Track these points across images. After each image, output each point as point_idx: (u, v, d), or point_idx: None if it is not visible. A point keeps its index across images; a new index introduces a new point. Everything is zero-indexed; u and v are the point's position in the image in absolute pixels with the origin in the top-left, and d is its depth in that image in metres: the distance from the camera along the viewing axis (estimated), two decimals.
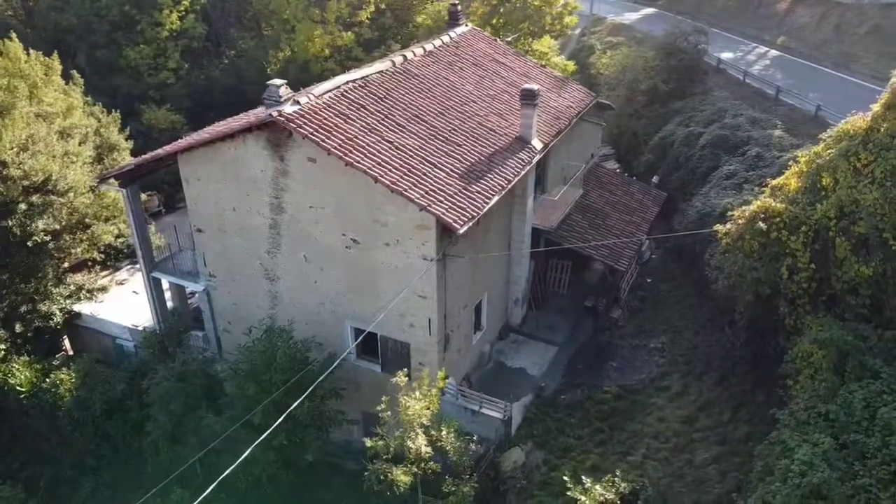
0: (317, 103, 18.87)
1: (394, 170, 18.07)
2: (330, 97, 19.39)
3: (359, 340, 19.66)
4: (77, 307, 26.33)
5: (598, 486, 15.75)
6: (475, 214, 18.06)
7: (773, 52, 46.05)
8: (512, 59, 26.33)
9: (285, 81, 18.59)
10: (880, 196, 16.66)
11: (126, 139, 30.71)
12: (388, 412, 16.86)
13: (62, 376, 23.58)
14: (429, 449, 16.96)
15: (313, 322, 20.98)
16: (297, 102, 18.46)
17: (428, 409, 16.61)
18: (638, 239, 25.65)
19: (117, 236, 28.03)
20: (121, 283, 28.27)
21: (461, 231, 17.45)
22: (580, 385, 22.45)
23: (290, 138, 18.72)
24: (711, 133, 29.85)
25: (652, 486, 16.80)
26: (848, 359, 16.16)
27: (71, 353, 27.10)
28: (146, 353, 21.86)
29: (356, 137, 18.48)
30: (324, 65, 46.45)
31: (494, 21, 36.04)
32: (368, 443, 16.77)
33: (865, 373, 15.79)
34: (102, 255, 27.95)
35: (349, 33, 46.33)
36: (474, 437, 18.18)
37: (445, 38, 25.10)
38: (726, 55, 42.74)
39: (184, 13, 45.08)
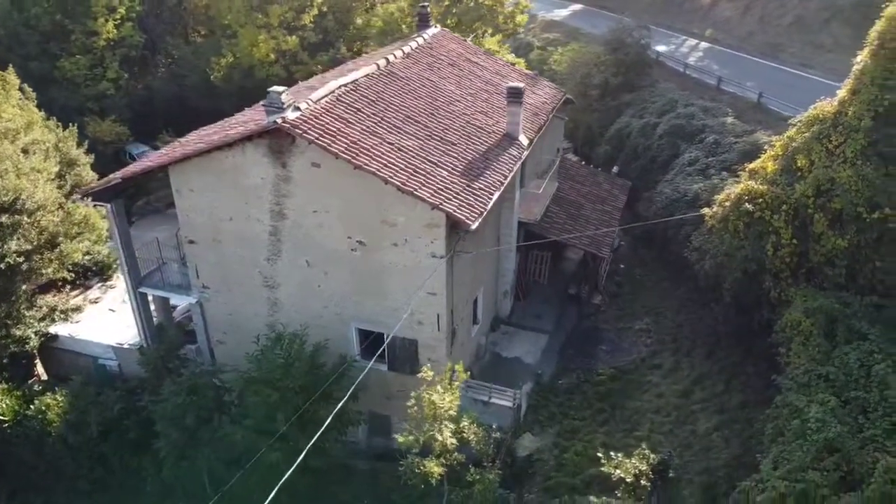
0: (315, 109, 19.02)
1: (401, 171, 18.44)
2: (326, 102, 19.56)
3: (385, 345, 19.87)
4: (53, 329, 25.43)
5: (632, 459, 16.59)
6: (483, 210, 18.65)
7: (704, 45, 48.44)
8: (483, 58, 27.04)
9: (286, 88, 18.65)
10: (853, 174, 18.23)
11: (85, 153, 29.76)
12: (416, 408, 17.27)
13: (48, 401, 22.83)
14: (454, 440, 17.49)
15: (316, 326, 21.00)
16: (298, 108, 18.56)
17: (458, 401, 17.11)
18: (614, 227, 26.81)
19: (85, 254, 27.22)
20: (94, 302, 27.45)
21: (473, 226, 18.00)
22: (575, 369, 23.40)
23: (293, 144, 18.80)
24: (668, 123, 31.44)
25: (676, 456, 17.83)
26: (836, 324, 17.64)
27: (45, 377, 26.15)
28: (147, 369, 21.37)
29: (360, 140, 18.75)
30: (269, 70, 45.97)
31: (448, 21, 36.64)
32: (400, 439, 17.15)
33: (853, 335, 17.28)
34: (73, 275, 27.05)
35: (293, 37, 46.02)
36: (493, 426, 18.79)
37: (420, 40, 25.53)
38: (661, 48, 44.74)
39: (119, 21, 43.70)
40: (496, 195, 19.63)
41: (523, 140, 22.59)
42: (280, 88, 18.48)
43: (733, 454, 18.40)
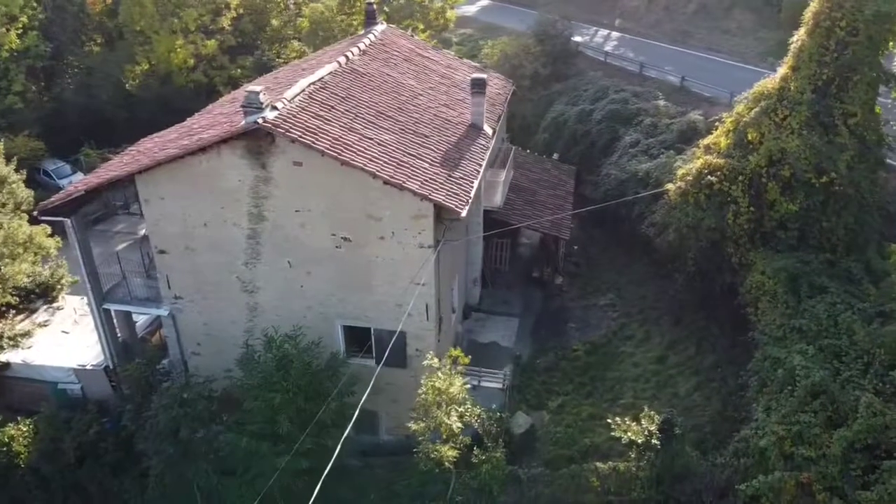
0: (292, 108, 18.90)
1: (386, 165, 18.63)
2: (301, 100, 19.45)
3: (391, 343, 19.95)
4: (3, 356, 23.93)
5: (641, 421, 17.51)
6: (468, 198, 19.12)
7: (615, 34, 50.65)
8: (433, 53, 27.47)
9: (264, 87, 18.43)
10: (801, 143, 19.91)
11: (15, 170, 28.07)
12: (424, 395, 17.57)
13: (11, 432, 21.59)
14: (460, 424, 17.92)
15: (300, 327, 20.87)
16: (275, 108, 18.39)
17: (467, 387, 17.56)
18: (569, 210, 27.87)
19: (28, 275, 25.77)
20: (44, 325, 25.96)
21: (463, 214, 18.46)
22: (550, 348, 24.29)
23: (273, 144, 18.62)
24: (604, 108, 32.90)
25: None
26: (798, 281, 19.24)
27: None
28: (130, 386, 20.53)
29: (341, 137, 18.80)
30: (189, 76, 44.67)
31: (380, 18, 36.69)
32: (413, 426, 17.40)
33: (815, 290, 18.92)
34: (17, 298, 25.53)
35: (212, 41, 44.86)
36: (493, 407, 19.33)
37: (371, 37, 25.64)
38: (576, 39, 46.48)
39: (22, 30, 41.30)
40: (476, 183, 20.15)
41: (487, 130, 23.21)
42: (257, 88, 18.25)
43: (715, 410, 19.73)
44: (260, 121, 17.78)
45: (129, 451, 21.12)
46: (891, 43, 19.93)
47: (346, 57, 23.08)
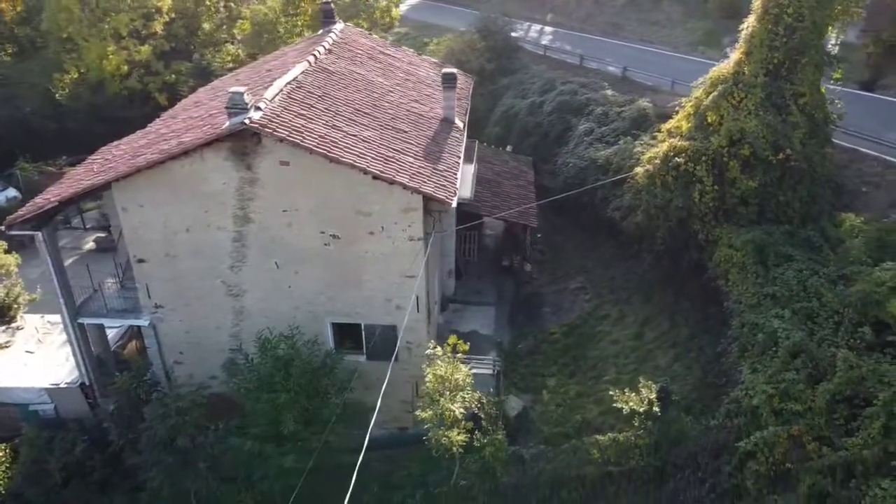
0: (275, 107, 18.87)
1: (373, 160, 18.85)
2: (280, 100, 19.42)
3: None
4: None
5: (642, 390, 18.37)
6: (455, 189, 19.57)
7: (548, 29, 52.08)
8: (393, 50, 27.71)
9: (248, 88, 18.32)
10: (758, 123, 21.26)
11: None
12: (429, 384, 17.92)
13: None
14: (462, 410, 18.37)
15: (288, 328, 20.83)
16: (259, 108, 18.33)
17: (470, 374, 18.03)
18: (532, 199, 28.67)
19: None
20: (5, 346, 24.82)
21: (453, 205, 18.90)
22: (528, 333, 25.02)
23: (259, 145, 18.55)
24: (554, 100, 33.91)
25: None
26: (765, 251, 20.56)
27: None
28: (119, 399, 19.96)
29: (327, 135, 18.90)
30: (123, 83, 43.33)
31: None
32: (422, 414, 17.73)
33: (781, 259, 20.29)
34: None
35: (146, 46, 43.65)
36: (490, 391, 19.85)
37: (333, 37, 25.67)
38: (513, 34, 47.52)
39: None
40: (459, 174, 20.60)
41: (459, 123, 23.70)
42: (241, 89, 18.13)
43: (696, 378, 20.85)
44: (247, 121, 17.70)
45: (118, 466, 20.62)
46: (830, 28, 21.55)
47: (315, 56, 23.09)
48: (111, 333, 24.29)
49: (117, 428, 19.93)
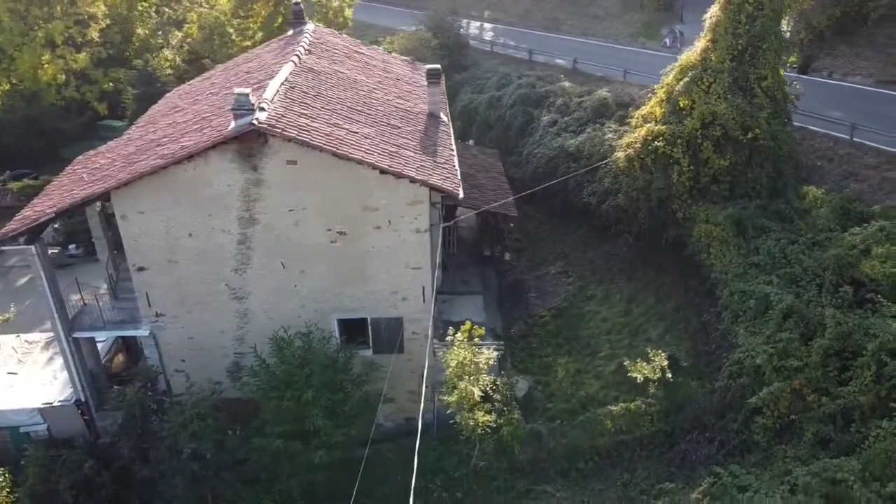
0: (278, 107, 18.97)
1: (380, 155, 19.22)
2: (280, 100, 19.50)
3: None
4: None
5: (654, 359, 19.44)
6: (459, 181, 20.15)
7: (488, 25, 53.16)
8: (366, 49, 27.98)
9: (249, 90, 18.33)
10: (728, 105, 22.79)
11: None
12: (452, 369, 18.49)
13: None
14: (480, 392, 19.05)
15: (294, 327, 20.88)
16: (262, 109, 18.39)
17: (492, 358, 18.71)
18: (506, 189, 29.48)
19: None
20: None
21: (461, 195, 19.49)
22: (518, 318, 25.88)
23: (265, 145, 18.62)
24: (513, 94, 34.92)
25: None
26: (743, 224, 22.08)
27: None
28: (129, 412, 19.50)
29: (332, 133, 19.13)
30: (62, 92, 41.81)
31: (280, 20, 36.44)
32: (449, 398, 18.26)
33: (758, 231, 21.85)
34: None
35: (83, 54, 42.24)
36: (502, 373, 20.55)
37: (309, 37, 25.72)
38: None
39: None
40: (457, 166, 21.19)
41: (444, 118, 24.27)
42: (245, 90, 18.14)
43: (688, 347, 22.17)
44: (255, 122, 17.75)
45: (128, 481, 20.24)
46: (786, 16, 23.28)
47: (298, 56, 23.16)
48: (101, 346, 23.69)
49: (128, 441, 19.51)
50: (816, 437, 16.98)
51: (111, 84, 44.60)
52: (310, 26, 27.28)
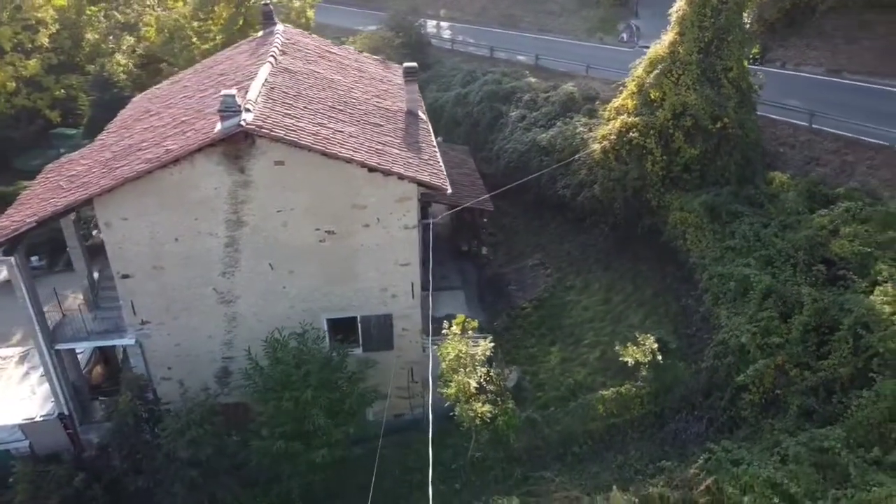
0: (262, 109, 18.89)
1: (367, 154, 19.32)
2: (263, 101, 19.42)
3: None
4: None
5: (644, 342, 20.00)
6: (446, 177, 20.39)
7: (445, 23, 53.42)
8: (337, 49, 27.93)
9: (235, 92, 18.21)
10: (697, 96, 23.56)
11: None
12: (448, 361, 18.72)
13: None
14: (476, 384, 19.33)
15: (286, 329, 20.80)
16: (248, 110, 18.31)
17: (488, 349, 19.02)
18: (480, 185, 29.82)
19: None
20: None
21: (449, 191, 19.73)
22: (500, 311, 26.25)
23: (252, 146, 18.53)
24: (480, 90, 35.28)
25: None
26: (716, 210, 22.89)
27: None
28: (120, 423, 19.12)
29: (318, 132, 19.15)
30: (11, 101, 40.52)
31: (241, 22, 36.01)
32: (448, 391, 18.48)
33: (732, 217, 22.69)
34: None
35: (34, 61, 41.02)
36: (493, 365, 20.87)
37: (281, 38, 25.55)
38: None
39: None
40: (441, 163, 21.44)
41: (422, 115, 24.46)
42: (231, 91, 18.02)
43: (669, 331, 22.82)
44: (243, 123, 17.67)
45: (121, 493, 19.90)
46: (748, 9, 24.20)
47: (274, 57, 23.04)
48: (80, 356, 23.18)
49: (120, 451, 19.17)
50: (801, 410, 17.77)
51: (63, 91, 43.40)
52: (280, 27, 27.11)
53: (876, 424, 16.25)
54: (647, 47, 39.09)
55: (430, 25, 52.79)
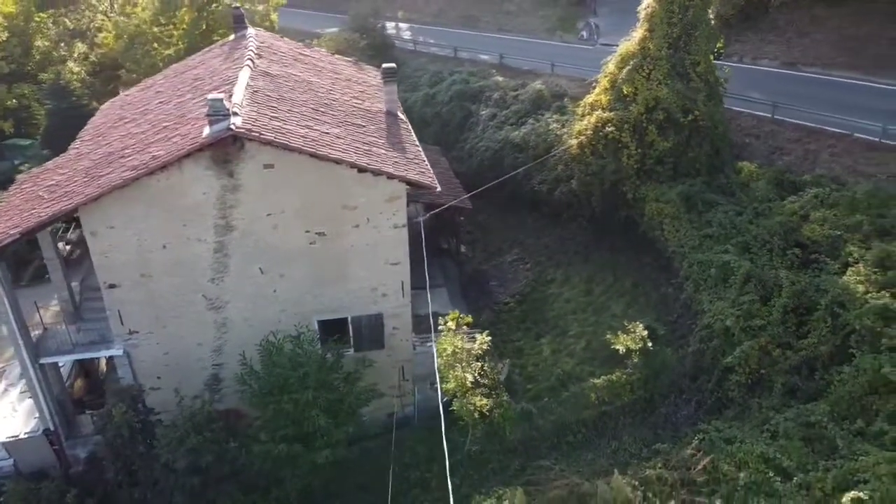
0: (250, 112, 18.81)
1: (355, 154, 19.41)
2: (248, 104, 19.32)
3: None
4: None
5: (634, 330, 20.54)
6: (433, 175, 20.61)
7: (403, 25, 53.61)
8: (309, 51, 27.84)
9: (223, 95, 18.10)
10: (669, 90, 24.31)
11: None
12: (445, 356, 18.96)
13: None
14: (472, 377, 19.63)
15: (281, 331, 20.67)
16: (236, 114, 18.22)
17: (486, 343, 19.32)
18: (456, 184, 30.12)
19: None
20: None
21: (438, 188, 19.96)
22: (484, 307, 26.58)
23: (242, 150, 18.44)
24: (449, 90, 35.62)
25: None
26: (692, 200, 23.67)
27: None
28: (115, 435, 18.72)
29: (307, 134, 19.15)
30: None
31: (204, 26, 35.52)
32: (448, 385, 18.70)
33: (707, 206, 23.49)
34: None
35: None
36: (487, 359, 21.19)
37: (254, 41, 25.38)
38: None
39: None
40: (427, 161, 21.65)
41: (402, 115, 24.63)
42: (220, 95, 17.91)
43: (651, 319, 23.44)
44: (233, 127, 17.59)
45: None
46: (712, 5, 25.08)
47: (252, 61, 22.90)
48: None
49: (115, 464, 18.83)
50: (785, 388, 18.57)
51: (15, 101, 42.16)
52: (252, 30, 26.91)
53: (857, 397, 17.09)
54: (608, 45, 40.24)
55: (390, 27, 53.03)
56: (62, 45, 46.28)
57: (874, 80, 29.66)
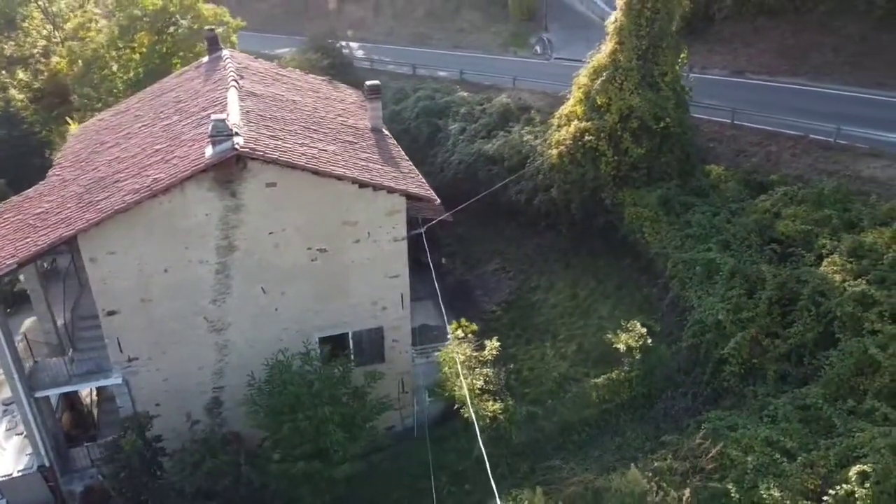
0: (249, 132, 18.85)
1: (355, 170, 19.65)
2: (245, 124, 19.32)
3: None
4: None
5: (633, 329, 21.26)
6: (429, 188, 21.01)
7: (354, 44, 53.86)
8: (286, 71, 27.92)
9: (226, 115, 18.11)
10: (641, 99, 25.43)
11: None
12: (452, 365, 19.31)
13: None
14: (479, 383, 20.05)
15: (276, 351, 20.65)
16: (237, 133, 18.25)
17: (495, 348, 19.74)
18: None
19: None
20: None
21: (437, 201, 20.36)
22: (472, 317, 26.67)
23: (244, 170, 18.45)
24: (415, 106, 36.08)
25: None
26: (670, 203, 24.78)
27: None
28: (127, 465, 18.21)
29: (306, 152, 19.30)
30: None
31: (164, 50, 35.01)
32: (457, 392, 19.05)
33: (685, 208, 24.63)
34: None
35: None
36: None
37: (232, 62, 25.30)
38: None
39: None
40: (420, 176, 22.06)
41: (386, 131, 24.97)
42: (223, 115, 17.93)
43: (642, 318, 24.33)
44: (237, 146, 17.62)
45: None
46: (676, 18, 26.43)
47: (237, 81, 22.88)
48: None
49: (124, 494, 18.35)
50: (777, 375, 19.63)
51: None
52: (227, 52, 26.82)
53: (846, 379, 18.23)
54: (562, 58, 41.59)
55: (342, 46, 53.26)
56: (2, 72, 44.73)
57: (817, 86, 31.77)
